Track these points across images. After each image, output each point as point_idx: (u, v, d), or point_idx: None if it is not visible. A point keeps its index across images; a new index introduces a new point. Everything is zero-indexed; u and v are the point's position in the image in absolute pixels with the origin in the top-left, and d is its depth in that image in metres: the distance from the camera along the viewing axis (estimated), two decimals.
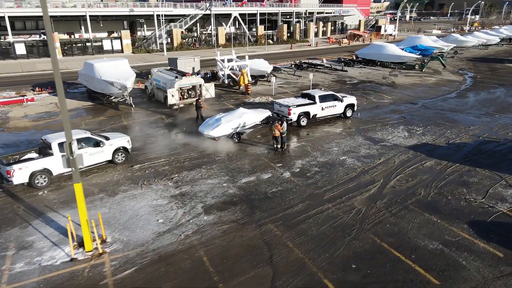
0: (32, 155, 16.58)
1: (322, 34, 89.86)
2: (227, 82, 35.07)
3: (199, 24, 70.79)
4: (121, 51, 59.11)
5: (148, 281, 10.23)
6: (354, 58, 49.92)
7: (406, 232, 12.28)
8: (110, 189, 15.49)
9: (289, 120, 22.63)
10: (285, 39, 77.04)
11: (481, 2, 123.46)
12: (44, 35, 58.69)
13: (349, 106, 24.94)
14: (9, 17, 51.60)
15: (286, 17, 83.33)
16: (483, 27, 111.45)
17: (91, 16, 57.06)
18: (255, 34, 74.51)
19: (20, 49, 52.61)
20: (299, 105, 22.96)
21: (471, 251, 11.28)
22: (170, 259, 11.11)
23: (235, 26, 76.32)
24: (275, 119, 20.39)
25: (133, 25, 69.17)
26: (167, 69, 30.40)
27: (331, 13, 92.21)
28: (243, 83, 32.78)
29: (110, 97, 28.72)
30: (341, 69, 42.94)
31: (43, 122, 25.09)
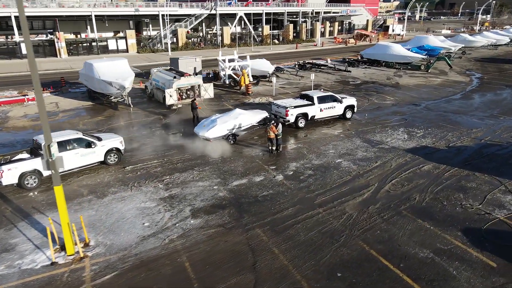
0: (23, 155, 16.48)
1: (329, 34, 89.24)
2: (228, 82, 34.81)
3: (204, 24, 70.66)
4: (126, 50, 59.29)
5: (126, 287, 10.01)
6: (359, 58, 49.35)
7: (396, 239, 11.88)
8: (99, 191, 15.32)
9: (286, 121, 22.35)
10: (291, 39, 76.56)
11: (492, 1, 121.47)
12: (50, 35, 59.24)
13: (349, 107, 24.49)
14: (16, 17, 51.94)
15: (292, 17, 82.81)
16: (493, 27, 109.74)
17: (97, 16, 57.29)
18: (261, 34, 74.19)
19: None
20: (297, 106, 22.59)
21: (463, 260, 10.85)
22: (151, 264, 10.88)
23: (241, 26, 76.08)
24: (275, 120, 20.09)
25: (139, 24, 69.28)
26: (166, 69, 30.23)
27: (338, 13, 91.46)
28: (244, 83, 32.49)
29: (109, 97, 28.68)
30: (345, 69, 42.41)
31: None
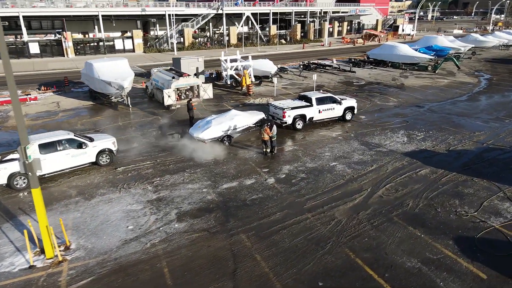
0: (15, 155, 16.41)
1: (337, 33, 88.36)
2: (229, 82, 34.56)
3: (211, 23, 70.57)
4: (133, 50, 59.54)
5: None
6: (365, 58, 48.66)
7: (384, 247, 11.45)
8: (88, 192, 15.19)
9: (284, 123, 22.00)
10: (299, 39, 75.97)
11: (506, 1, 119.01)
12: (59, 34, 59.78)
13: (349, 109, 24.01)
14: (25, 17, 52.54)
15: (300, 16, 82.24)
16: (507, 26, 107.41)
17: (104, 16, 57.62)
18: (268, 34, 73.79)
19: (34, 48, 53.66)
20: (294, 108, 22.21)
21: (451, 270, 10.38)
22: (130, 269, 10.66)
23: (248, 26, 75.80)
24: (270, 122, 19.76)
25: (147, 24, 69.56)
26: (166, 69, 30.12)
27: (347, 13, 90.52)
28: (245, 83, 32.21)
29: (110, 97, 28.70)
30: (349, 70, 41.80)
31: (40, 121, 25.18)
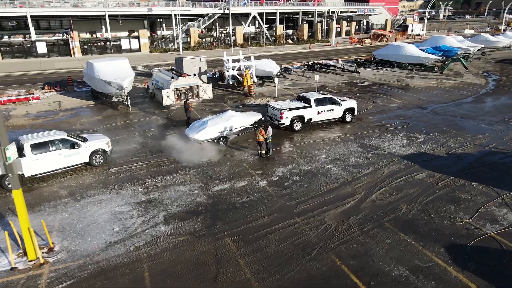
0: None
1: (345, 33, 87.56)
2: (231, 82, 34.37)
3: (218, 23, 70.45)
4: (139, 50, 59.75)
5: None
6: (371, 58, 48.03)
7: (372, 254, 11.12)
8: (78, 193, 15.12)
9: (282, 124, 21.73)
10: (306, 39, 75.44)
11: None
12: (66, 34, 60.29)
13: (349, 110, 23.62)
14: (33, 17, 53.10)
15: (307, 16, 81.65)
16: None
17: (111, 15, 57.93)
18: (275, 33, 73.43)
19: (41, 48, 54.17)
20: (292, 109, 21.91)
21: (440, 280, 10.00)
22: (110, 273, 10.51)
23: (254, 25, 75.52)
24: (265, 123, 19.53)
25: (154, 24, 69.73)
26: (167, 69, 30.04)
27: (355, 12, 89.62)
28: (246, 84, 31.99)
29: (110, 97, 28.71)
30: (354, 70, 41.26)
31: (41, 120, 25.29)
